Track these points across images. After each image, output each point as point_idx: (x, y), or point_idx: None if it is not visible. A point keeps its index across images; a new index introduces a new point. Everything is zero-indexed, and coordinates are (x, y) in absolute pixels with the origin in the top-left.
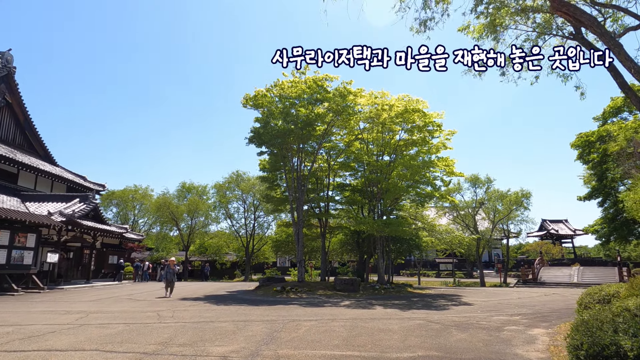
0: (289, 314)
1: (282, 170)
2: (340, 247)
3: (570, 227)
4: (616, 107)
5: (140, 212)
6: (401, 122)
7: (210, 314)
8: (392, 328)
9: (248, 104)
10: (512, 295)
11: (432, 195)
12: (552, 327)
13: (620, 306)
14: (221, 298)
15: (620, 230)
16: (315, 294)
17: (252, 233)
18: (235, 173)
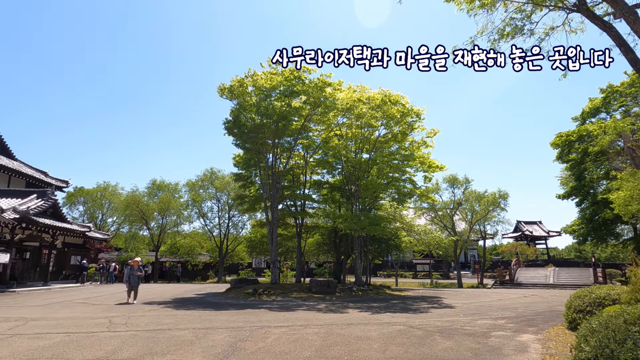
0: (258, 320)
1: (257, 166)
2: (317, 248)
3: (544, 229)
4: (595, 107)
5: (109, 210)
6: (380, 116)
7: (169, 320)
8: (371, 335)
9: (224, 93)
10: (492, 296)
11: (413, 193)
12: (541, 333)
13: (635, 313)
14: (187, 301)
15: (599, 231)
16: (289, 297)
17: (226, 233)
18: (210, 170)
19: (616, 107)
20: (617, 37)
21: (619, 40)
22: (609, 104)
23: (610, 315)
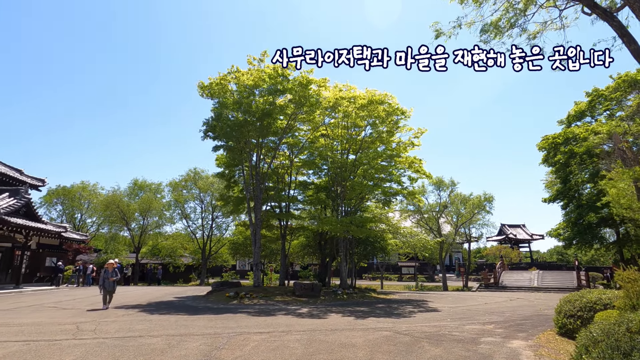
0: (237, 325)
1: (241, 166)
2: (302, 250)
3: (528, 232)
4: (580, 111)
5: (88, 210)
6: (366, 115)
7: (142, 325)
8: (356, 342)
9: (204, 92)
10: (478, 300)
11: (399, 193)
12: (531, 339)
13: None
14: (165, 305)
15: (584, 234)
16: (272, 300)
17: (209, 234)
18: (193, 170)
19: (601, 111)
20: (619, 28)
21: (621, 30)
22: (594, 107)
23: (611, 322)
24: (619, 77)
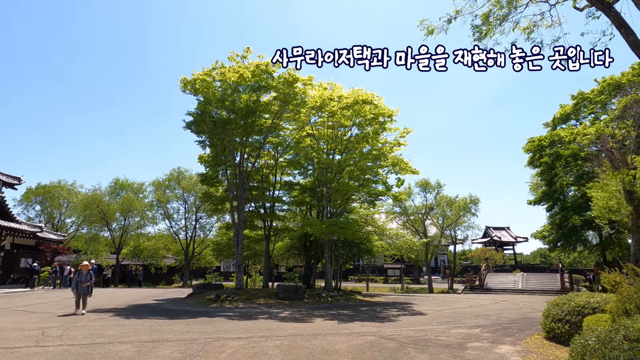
0: (215, 330)
1: (224, 165)
2: (287, 251)
3: (512, 234)
4: (565, 114)
5: (68, 210)
6: (353, 115)
7: (114, 331)
8: (339, 348)
9: (187, 88)
10: (464, 302)
11: (384, 194)
12: (519, 343)
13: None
14: (142, 309)
15: (569, 237)
16: (254, 303)
17: (192, 235)
18: (177, 170)
19: (586, 114)
20: (617, 18)
21: (619, 21)
22: (579, 110)
23: (608, 329)
24: (603, 81)
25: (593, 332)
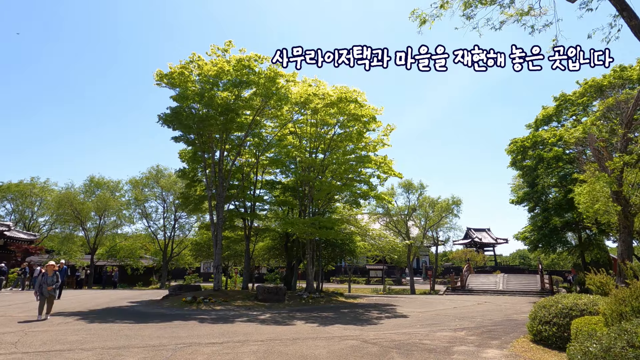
0: (188, 335)
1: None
2: (268, 252)
3: (492, 236)
4: (547, 115)
5: (40, 209)
6: (336, 113)
7: (76, 336)
8: (319, 354)
9: (163, 81)
10: (447, 304)
11: (368, 195)
12: (506, 347)
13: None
14: (112, 312)
15: (549, 238)
16: (232, 305)
17: (171, 235)
18: (155, 168)
19: (568, 116)
20: (619, 1)
21: (621, 4)
22: (561, 112)
23: (608, 335)
24: (585, 83)
25: (592, 338)
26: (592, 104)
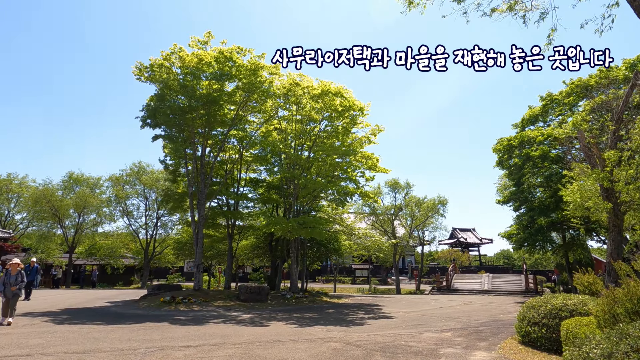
0: (161, 337)
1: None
2: (252, 251)
3: (477, 236)
4: (534, 115)
5: (17, 206)
6: (322, 108)
7: (40, 340)
8: (299, 358)
9: (142, 75)
10: (432, 304)
11: (354, 193)
12: (494, 349)
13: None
14: (84, 312)
15: (535, 237)
16: (212, 306)
17: (153, 234)
18: (137, 165)
19: (554, 116)
20: None
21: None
22: (547, 112)
23: (610, 338)
24: (572, 82)
25: (590, 342)
26: (578, 104)
